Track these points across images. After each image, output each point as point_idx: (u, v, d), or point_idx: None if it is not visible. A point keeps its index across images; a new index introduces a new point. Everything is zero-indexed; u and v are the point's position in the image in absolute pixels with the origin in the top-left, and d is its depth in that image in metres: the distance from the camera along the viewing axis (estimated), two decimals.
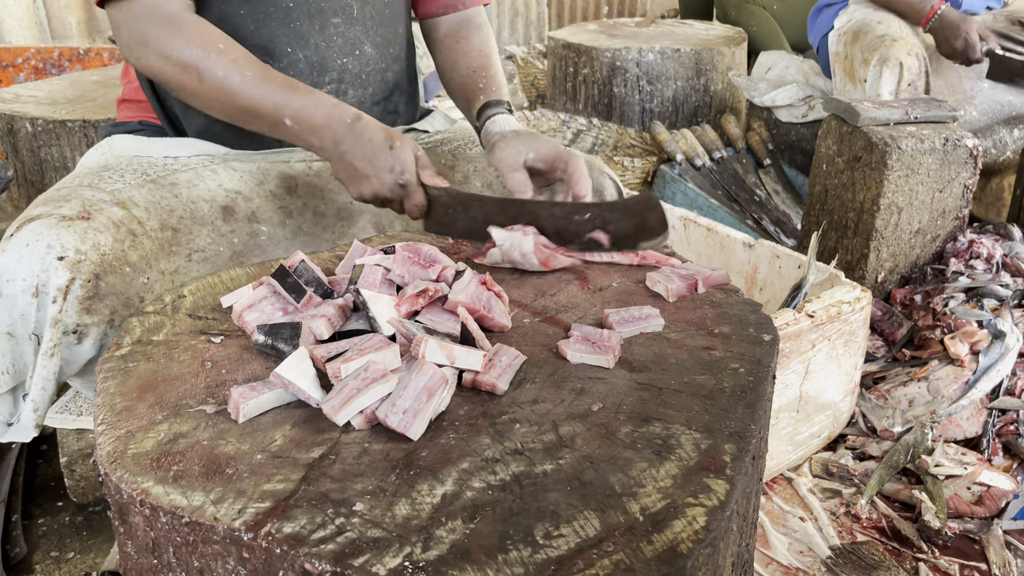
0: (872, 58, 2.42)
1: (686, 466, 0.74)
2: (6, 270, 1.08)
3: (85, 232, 1.12)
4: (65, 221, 1.12)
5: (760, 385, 0.86)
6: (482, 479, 0.72)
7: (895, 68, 2.38)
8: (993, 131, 2.50)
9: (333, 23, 1.36)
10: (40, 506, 1.65)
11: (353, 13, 1.38)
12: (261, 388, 0.83)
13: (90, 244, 1.11)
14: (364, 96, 1.44)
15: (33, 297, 1.07)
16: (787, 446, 1.68)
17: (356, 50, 1.40)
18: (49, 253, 1.08)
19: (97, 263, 1.11)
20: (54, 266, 1.08)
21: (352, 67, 1.40)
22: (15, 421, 1.14)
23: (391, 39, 1.45)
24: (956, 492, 1.60)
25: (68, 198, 1.18)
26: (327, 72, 1.37)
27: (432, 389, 0.79)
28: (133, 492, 0.72)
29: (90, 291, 1.09)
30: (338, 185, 1.41)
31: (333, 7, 1.35)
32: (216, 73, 1.16)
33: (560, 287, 1.09)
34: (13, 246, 1.09)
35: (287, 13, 1.31)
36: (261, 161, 1.38)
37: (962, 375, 1.79)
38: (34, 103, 2.24)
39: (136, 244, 1.17)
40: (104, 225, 1.14)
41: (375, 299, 0.92)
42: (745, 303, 1.04)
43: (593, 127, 3.15)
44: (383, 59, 1.44)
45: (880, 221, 2.04)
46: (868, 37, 2.49)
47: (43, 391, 1.11)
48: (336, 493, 0.71)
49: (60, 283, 1.07)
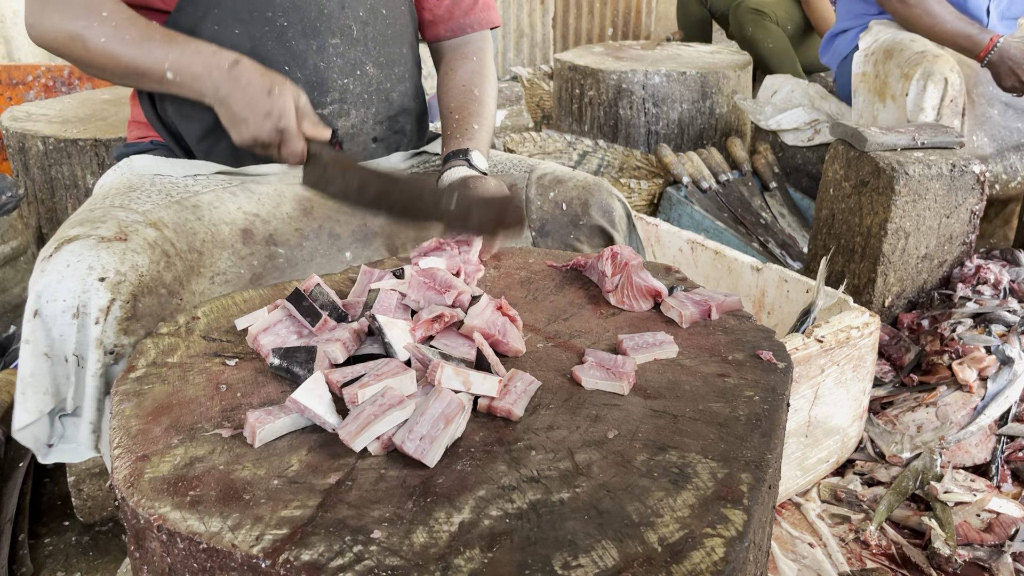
0: (914, 72, 2.40)
1: (703, 495, 0.74)
2: (46, 290, 1.08)
3: (124, 253, 1.12)
4: (104, 242, 1.12)
5: (775, 413, 0.87)
6: (499, 507, 0.72)
7: (940, 83, 2.37)
8: (1004, 157, 2.51)
9: (332, 43, 1.37)
10: (47, 525, 1.64)
11: (353, 34, 1.38)
12: (277, 412, 0.83)
13: (129, 265, 1.11)
14: (367, 116, 1.44)
15: (73, 318, 1.07)
16: (796, 471, 1.68)
17: (357, 70, 1.40)
18: (90, 274, 1.08)
19: (136, 284, 1.11)
20: (95, 287, 1.08)
21: (354, 87, 1.41)
22: (54, 442, 1.14)
23: (395, 59, 1.46)
24: (965, 519, 1.59)
25: (103, 219, 1.18)
26: (328, 92, 1.38)
27: (449, 416, 0.80)
28: (150, 517, 0.72)
29: (129, 312, 1.10)
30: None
31: (331, 27, 1.36)
32: (99, 39, 1.20)
33: (573, 311, 1.10)
34: (53, 267, 1.09)
35: (282, 32, 1.33)
36: (278, 183, 1.38)
37: (970, 401, 1.79)
38: (45, 121, 2.26)
39: (170, 265, 1.18)
40: (140, 246, 1.15)
41: (390, 324, 0.93)
42: (758, 329, 1.04)
43: (599, 149, 3.17)
44: (387, 79, 1.45)
45: (887, 246, 2.05)
46: (906, 53, 2.48)
47: (96, 411, 1.11)
48: (353, 520, 0.71)
49: (102, 304, 1.07)
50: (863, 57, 2.65)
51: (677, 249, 2.13)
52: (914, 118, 2.40)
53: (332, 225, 1.38)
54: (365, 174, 1.19)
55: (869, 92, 2.64)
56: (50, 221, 2.21)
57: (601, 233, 1.47)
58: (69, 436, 1.14)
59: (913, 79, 2.40)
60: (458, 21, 1.54)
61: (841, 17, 2.90)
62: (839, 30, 2.88)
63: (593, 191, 1.48)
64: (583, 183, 1.49)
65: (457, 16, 1.54)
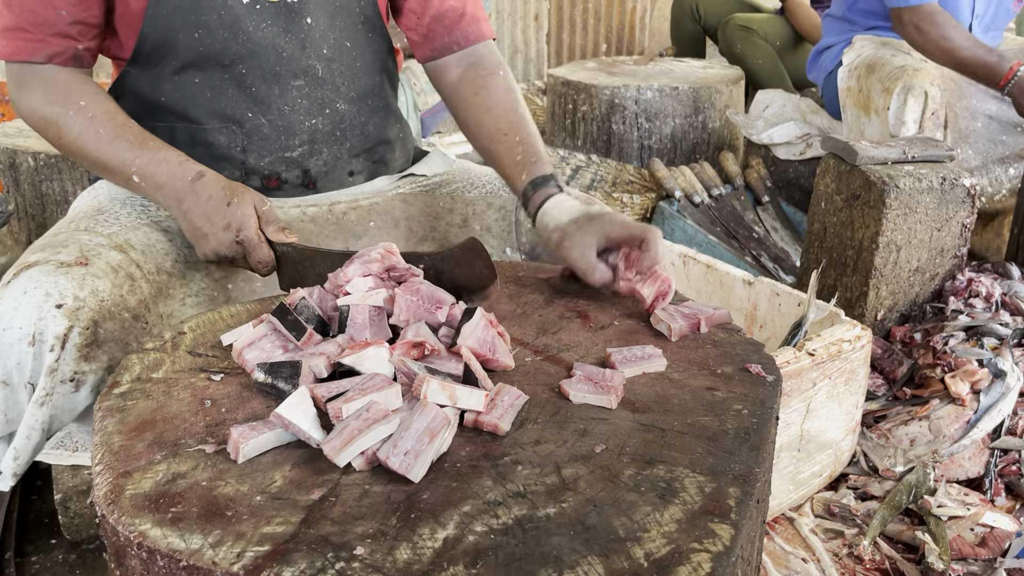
0: (895, 87, 2.41)
1: (690, 510, 0.73)
2: (3, 318, 1.07)
3: (83, 278, 1.10)
4: (63, 267, 1.11)
5: (764, 427, 0.86)
6: (484, 523, 0.71)
7: (920, 96, 2.37)
8: (988, 170, 2.52)
9: (295, 86, 1.33)
10: (33, 543, 1.63)
11: (318, 73, 1.34)
12: (261, 428, 0.82)
13: (88, 291, 1.10)
14: (341, 152, 1.41)
15: (30, 346, 1.06)
16: (788, 485, 1.67)
17: (326, 109, 1.37)
18: (47, 301, 1.07)
19: (96, 310, 1.09)
20: (52, 314, 1.06)
21: (323, 126, 1.37)
22: (3, 470, 1.12)
23: (367, 91, 1.42)
24: (959, 533, 1.59)
25: (65, 243, 1.17)
26: (295, 135, 1.35)
27: (434, 430, 0.79)
28: (130, 534, 0.71)
29: (88, 338, 1.08)
30: (333, 231, 1.40)
31: (292, 70, 1.32)
32: (72, 129, 1.20)
33: (562, 325, 1.09)
34: (10, 294, 1.08)
35: (242, 79, 1.30)
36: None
37: (963, 414, 1.78)
38: (36, 138, 2.25)
39: (134, 288, 1.16)
40: (103, 270, 1.13)
41: (360, 359, 0.90)
42: (747, 343, 1.04)
43: (592, 163, 3.17)
44: (360, 113, 1.41)
45: (879, 259, 2.05)
46: (887, 68, 2.49)
47: (27, 440, 1.09)
48: (336, 536, 0.70)
49: (58, 331, 1.06)
50: (847, 72, 2.66)
51: (669, 263, 2.12)
52: (896, 131, 2.41)
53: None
54: (338, 258, 1.13)
55: (854, 107, 2.65)
56: (40, 237, 2.21)
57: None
58: (3, 465, 1.13)
59: (894, 93, 2.41)
60: (442, 40, 1.44)
61: (826, 33, 2.91)
62: (824, 46, 2.90)
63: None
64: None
65: (440, 34, 1.44)
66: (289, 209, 1.39)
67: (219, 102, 1.30)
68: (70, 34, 1.22)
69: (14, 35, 1.20)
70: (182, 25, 1.24)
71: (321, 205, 1.42)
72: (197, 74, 1.28)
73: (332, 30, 1.34)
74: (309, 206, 1.41)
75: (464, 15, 1.44)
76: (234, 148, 1.33)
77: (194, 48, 1.26)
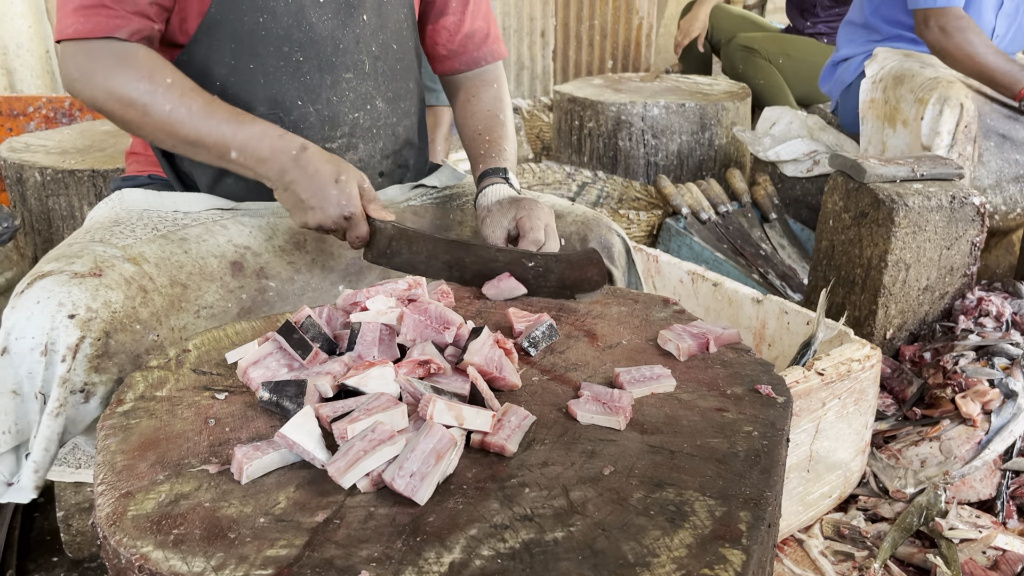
0: (930, 97, 2.38)
1: (701, 535, 0.72)
2: (15, 328, 1.07)
3: (96, 289, 1.11)
4: (77, 278, 1.11)
5: (774, 449, 0.85)
6: (491, 547, 0.70)
7: (956, 108, 2.35)
8: (1002, 188, 2.50)
9: (345, 78, 1.37)
10: (35, 561, 1.61)
11: (365, 68, 1.38)
12: (265, 448, 0.81)
13: (101, 301, 1.10)
14: (374, 150, 1.44)
15: (42, 355, 1.06)
16: (798, 506, 1.65)
17: (367, 104, 1.40)
18: (60, 311, 1.07)
19: (108, 321, 1.09)
20: (64, 324, 1.06)
21: (363, 122, 1.41)
22: (16, 481, 1.11)
23: (402, 94, 1.46)
24: (971, 556, 1.56)
25: (80, 254, 1.17)
26: (339, 126, 1.38)
27: (440, 452, 0.78)
28: (132, 557, 0.70)
29: (100, 349, 1.08)
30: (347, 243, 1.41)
31: (345, 63, 1.36)
32: (163, 107, 1.18)
33: (569, 344, 1.08)
34: (23, 303, 1.08)
35: (298, 67, 1.32)
36: (271, 216, 1.37)
37: (974, 435, 1.76)
38: (44, 152, 2.26)
39: (147, 301, 1.16)
40: (116, 282, 1.14)
41: (365, 380, 0.89)
42: (757, 363, 1.03)
43: (598, 180, 3.17)
44: (394, 113, 1.45)
45: (888, 278, 2.04)
46: (918, 79, 2.47)
47: (45, 451, 1.09)
48: (341, 560, 0.69)
49: (70, 342, 1.06)
50: (871, 84, 2.64)
51: (678, 280, 2.11)
52: (929, 142, 2.38)
53: (325, 259, 1.37)
54: (433, 243, 1.23)
55: (877, 119, 2.63)
56: (46, 252, 2.21)
57: None
58: (24, 477, 1.12)
59: (929, 103, 2.38)
60: (472, 55, 1.55)
61: (842, 45, 2.89)
62: (840, 58, 2.88)
63: (592, 226, 1.46)
64: (581, 218, 1.48)
65: (471, 50, 1.55)
66: None
67: (271, 88, 1.32)
68: (148, 14, 1.22)
69: (94, 12, 1.18)
70: (249, 8, 1.27)
71: None
72: (253, 60, 1.30)
73: (382, 30, 1.40)
74: None
75: (489, 35, 1.57)
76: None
77: (256, 32, 1.28)
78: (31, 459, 1.09)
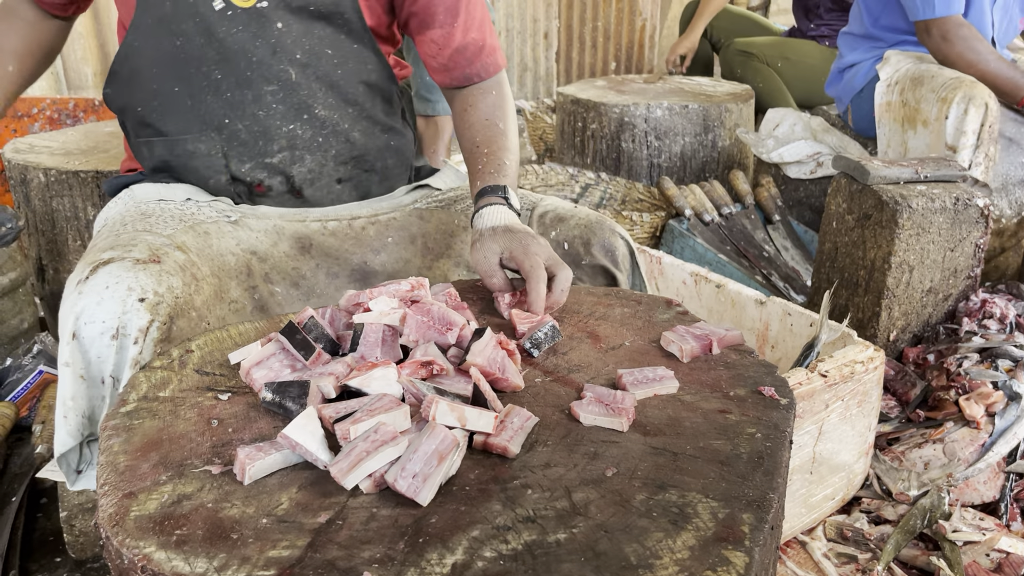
0: (954, 96, 2.38)
1: (703, 536, 0.72)
2: (85, 312, 1.07)
3: (160, 275, 1.12)
4: (140, 264, 1.12)
5: (777, 451, 0.84)
6: (493, 548, 0.70)
7: (981, 107, 2.35)
8: (1008, 191, 2.50)
9: (268, 91, 1.35)
10: (38, 561, 1.62)
11: (292, 78, 1.35)
12: (268, 449, 0.81)
13: (165, 287, 1.12)
14: (325, 159, 1.42)
15: (112, 339, 1.06)
16: (800, 508, 1.65)
17: (304, 115, 1.38)
18: (130, 295, 1.08)
19: (172, 305, 1.11)
20: (135, 307, 1.07)
21: (303, 132, 1.38)
22: (84, 468, 1.12)
23: (350, 99, 1.42)
24: (975, 559, 1.56)
25: (134, 242, 1.18)
26: (274, 140, 1.37)
27: (443, 453, 0.78)
28: (134, 557, 0.70)
29: (164, 334, 1.10)
30: (352, 245, 1.41)
31: (264, 75, 1.34)
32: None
33: (572, 345, 1.08)
34: (91, 288, 1.08)
35: (218, 85, 1.33)
36: (277, 219, 1.38)
37: (978, 437, 1.76)
38: (48, 153, 2.26)
39: (199, 289, 1.18)
40: (173, 268, 1.15)
41: (368, 380, 0.89)
42: (760, 364, 1.02)
43: (601, 181, 3.17)
44: (343, 120, 1.41)
45: (891, 280, 2.03)
46: (938, 79, 2.46)
47: None
48: (343, 561, 0.68)
49: (141, 324, 1.07)
50: (886, 87, 2.63)
51: (681, 282, 2.11)
52: (955, 142, 2.37)
53: (330, 264, 1.37)
54: None
55: (894, 121, 2.62)
56: (50, 253, 2.21)
57: (604, 273, 1.44)
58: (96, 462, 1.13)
59: (953, 102, 2.37)
60: (464, 71, 1.45)
61: (847, 52, 2.89)
62: (847, 64, 2.87)
63: (595, 229, 1.44)
64: (585, 221, 1.46)
65: (463, 65, 1.45)
66: (310, 223, 1.40)
67: (199, 108, 1.33)
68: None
69: None
70: (165, 33, 1.29)
71: (342, 219, 1.44)
72: (177, 83, 1.32)
73: (308, 36, 1.35)
74: (330, 220, 1.42)
75: (484, 47, 1.45)
76: (215, 155, 1.36)
77: (176, 55, 1.30)
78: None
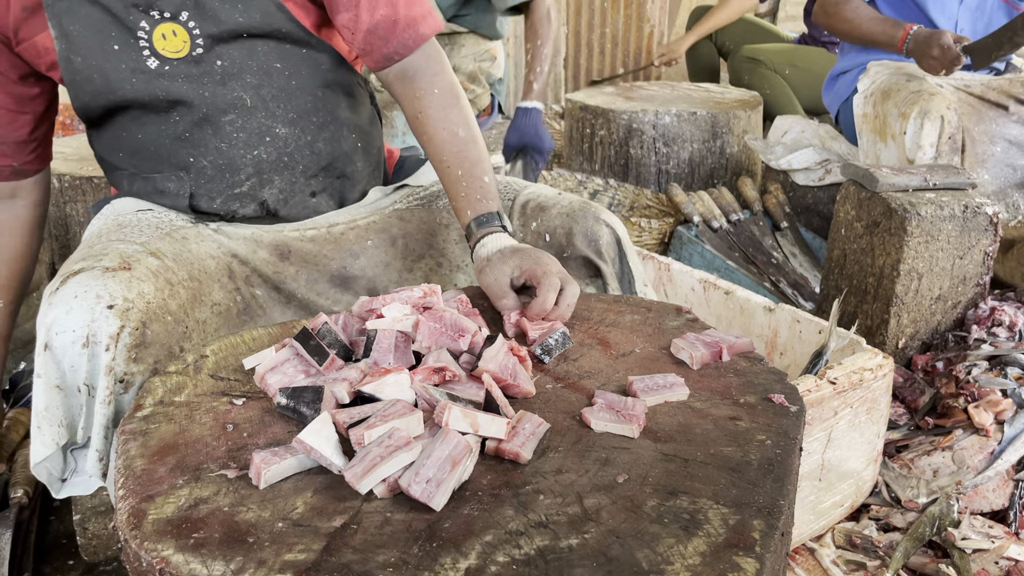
0: (911, 111, 2.41)
1: (714, 543, 0.72)
2: (55, 323, 1.08)
3: (130, 281, 1.13)
4: (109, 272, 1.13)
5: (788, 458, 0.85)
6: (506, 553, 0.71)
7: (936, 121, 2.37)
8: (1006, 195, 2.50)
9: (227, 121, 1.33)
10: (51, 564, 1.63)
11: (247, 104, 1.34)
12: (283, 453, 0.82)
13: (136, 292, 1.12)
14: (295, 176, 1.40)
15: (83, 348, 1.07)
16: (809, 515, 1.65)
17: (266, 137, 1.36)
18: (99, 303, 1.09)
19: (144, 311, 1.12)
20: (104, 315, 1.08)
21: (267, 155, 1.37)
22: (68, 476, 1.13)
23: (309, 108, 1.38)
24: (984, 567, 1.56)
25: (105, 252, 1.19)
26: (239, 170, 1.36)
27: (456, 458, 0.79)
28: (152, 559, 0.71)
29: (137, 339, 1.10)
30: (331, 250, 1.41)
31: (220, 107, 1.32)
32: None
33: (583, 352, 1.09)
34: (61, 299, 1.10)
35: (175, 127, 1.33)
36: (255, 229, 1.39)
37: (987, 445, 1.76)
38: (62, 159, 2.28)
39: (173, 293, 1.19)
40: (144, 274, 1.16)
41: (381, 387, 0.90)
42: (770, 372, 1.03)
43: (609, 187, 3.17)
44: (305, 132, 1.39)
45: (900, 287, 2.03)
46: (902, 93, 2.49)
47: (104, 439, 1.10)
48: (358, 565, 0.69)
49: (111, 331, 1.08)
50: (863, 99, 2.67)
51: (689, 288, 2.12)
52: (913, 156, 2.40)
53: (309, 270, 1.38)
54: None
55: (871, 132, 2.64)
56: (63, 257, 2.23)
57: (587, 264, 1.39)
58: (80, 468, 1.14)
59: (910, 117, 2.41)
60: (381, 52, 1.33)
61: (840, 59, 2.92)
62: (839, 71, 2.90)
63: (577, 218, 1.38)
64: (567, 209, 1.39)
65: (379, 46, 1.32)
66: (288, 232, 1.40)
67: (162, 154, 1.35)
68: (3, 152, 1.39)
69: None
70: (106, 102, 1.31)
71: (320, 227, 1.43)
72: (140, 130, 1.34)
73: (252, 58, 1.32)
74: (308, 229, 1.42)
75: (397, 21, 1.31)
76: (182, 194, 1.37)
77: (127, 112, 1.33)
78: (92, 448, 1.10)
